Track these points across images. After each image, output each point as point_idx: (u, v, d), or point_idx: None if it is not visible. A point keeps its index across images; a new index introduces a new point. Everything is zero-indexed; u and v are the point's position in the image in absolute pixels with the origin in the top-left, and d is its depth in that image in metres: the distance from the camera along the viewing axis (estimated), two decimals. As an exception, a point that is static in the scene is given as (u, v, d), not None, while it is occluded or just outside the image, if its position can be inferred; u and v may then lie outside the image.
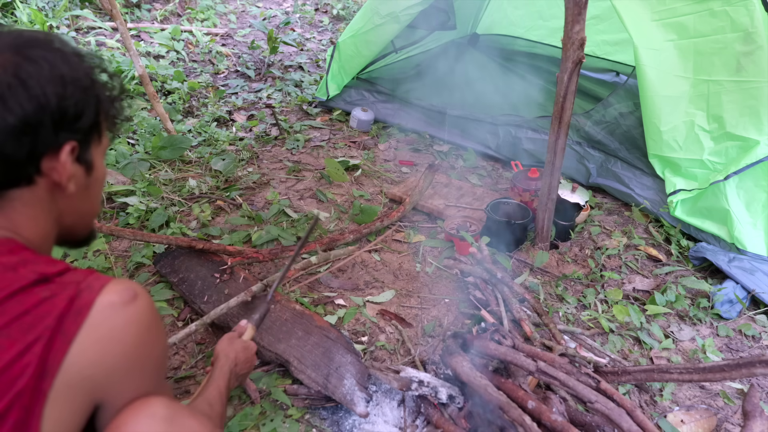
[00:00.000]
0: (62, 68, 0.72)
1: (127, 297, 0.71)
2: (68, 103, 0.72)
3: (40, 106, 0.69)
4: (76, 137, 0.74)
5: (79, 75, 0.74)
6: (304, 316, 1.68)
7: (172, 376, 1.61)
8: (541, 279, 2.13)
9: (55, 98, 0.70)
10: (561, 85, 1.89)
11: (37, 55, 0.71)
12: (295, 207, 2.55)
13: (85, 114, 0.75)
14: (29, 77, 0.69)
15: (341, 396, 1.45)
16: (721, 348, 1.86)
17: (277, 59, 4.54)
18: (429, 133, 3.25)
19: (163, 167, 2.79)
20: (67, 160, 0.74)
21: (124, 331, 0.70)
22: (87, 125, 0.76)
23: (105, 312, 0.68)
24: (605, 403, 1.22)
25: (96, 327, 0.67)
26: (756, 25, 2.06)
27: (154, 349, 0.75)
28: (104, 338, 0.68)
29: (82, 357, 0.66)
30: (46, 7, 4.57)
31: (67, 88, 0.72)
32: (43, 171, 0.73)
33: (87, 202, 0.83)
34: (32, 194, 0.74)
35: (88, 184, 0.81)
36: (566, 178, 2.72)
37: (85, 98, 0.74)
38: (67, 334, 0.66)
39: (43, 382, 0.64)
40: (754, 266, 2.07)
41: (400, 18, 3.08)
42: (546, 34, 3.93)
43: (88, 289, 0.69)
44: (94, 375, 0.68)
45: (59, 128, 0.71)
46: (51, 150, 0.72)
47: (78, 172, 0.78)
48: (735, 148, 2.19)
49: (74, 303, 0.67)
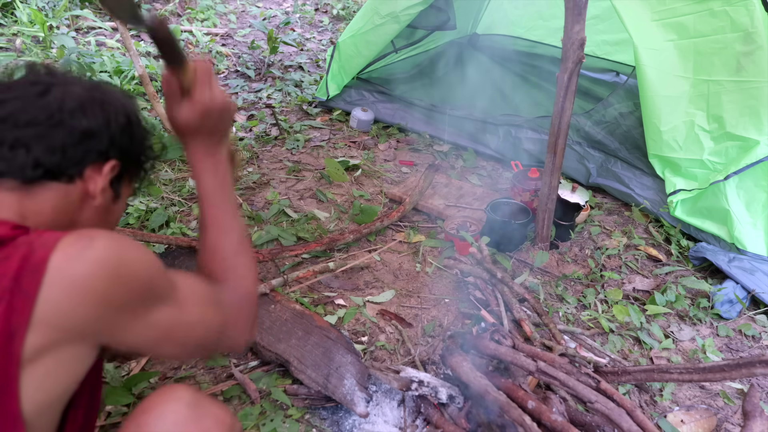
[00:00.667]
0: (129, 108, 0.89)
1: (83, 244, 0.69)
2: (127, 130, 0.87)
3: (107, 120, 0.83)
4: (121, 160, 0.87)
5: (141, 122, 0.91)
6: (304, 317, 1.68)
7: (171, 376, 1.62)
8: (541, 279, 2.13)
9: (121, 120, 0.86)
10: (561, 85, 1.89)
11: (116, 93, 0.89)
12: (295, 207, 2.55)
13: (135, 146, 0.90)
14: (106, 102, 0.85)
15: (341, 396, 1.45)
16: (721, 348, 1.86)
17: (277, 59, 4.54)
18: (429, 133, 3.25)
19: (163, 167, 2.79)
20: (107, 174, 0.84)
21: (89, 277, 0.68)
22: (131, 157, 0.89)
23: (63, 264, 0.67)
24: (605, 403, 1.22)
25: (58, 281, 0.66)
26: (756, 25, 2.06)
27: (133, 279, 0.72)
28: (71, 289, 0.67)
29: (55, 311, 0.66)
30: (46, 7, 4.57)
31: (131, 122, 0.88)
32: (84, 176, 0.82)
33: (102, 224, 0.90)
34: (66, 192, 0.81)
35: (109, 210, 0.90)
36: (566, 178, 2.72)
37: (139, 137, 0.90)
38: (28, 292, 0.65)
39: (12, 344, 0.63)
40: (754, 266, 2.07)
41: (400, 18, 3.08)
42: (546, 34, 3.93)
43: (42, 246, 0.68)
44: (76, 326, 0.68)
45: (112, 146, 0.84)
46: (98, 161, 0.83)
47: (108, 192, 0.87)
48: (735, 148, 2.19)
49: (29, 261, 0.66)
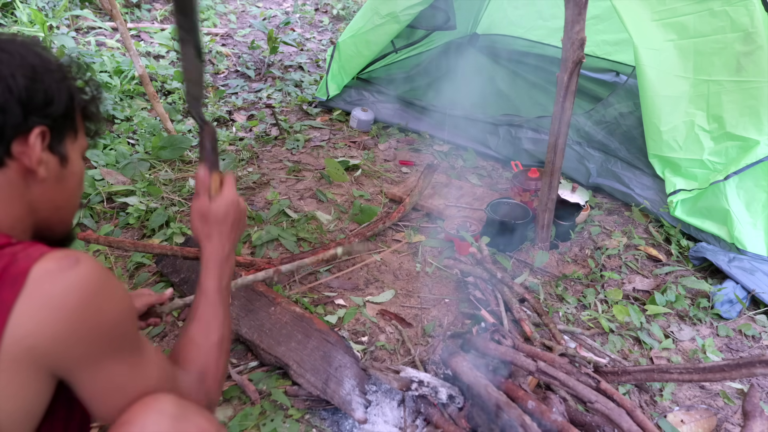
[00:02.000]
0: (33, 60, 0.76)
1: (67, 263, 0.68)
2: (37, 87, 0.74)
3: (8, 88, 0.71)
4: (46, 123, 0.76)
5: (51, 67, 0.78)
6: (303, 319, 1.68)
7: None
8: (541, 279, 2.13)
9: (23, 81, 0.73)
10: (561, 85, 1.89)
11: (10, 48, 0.75)
12: (295, 207, 2.55)
13: (55, 102, 0.77)
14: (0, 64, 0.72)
15: (340, 401, 1.45)
16: (721, 348, 1.86)
17: (277, 59, 4.54)
18: (429, 133, 3.25)
19: (163, 167, 2.79)
20: (36, 143, 0.75)
21: (64, 297, 0.66)
22: (58, 113, 0.78)
23: (42, 279, 0.66)
24: (605, 403, 1.22)
25: (33, 295, 0.65)
26: (756, 25, 2.06)
27: (105, 314, 0.71)
28: (42, 306, 0.65)
29: (22, 327, 0.64)
30: (46, 7, 4.57)
31: (37, 75, 0.75)
32: (13, 154, 0.74)
33: (62, 194, 0.84)
34: (4, 177, 0.75)
35: (62, 176, 0.82)
36: (566, 178, 2.72)
37: (56, 88, 0.77)
38: (5, 303, 0.64)
39: None
40: (754, 266, 2.07)
41: (400, 18, 3.08)
42: (546, 34, 3.93)
43: (25, 258, 0.67)
44: (38, 345, 0.65)
45: (28, 112, 0.74)
46: (21, 134, 0.74)
47: (51, 160, 0.79)
48: (735, 148, 2.19)
49: (8, 271, 0.65)
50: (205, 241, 0.98)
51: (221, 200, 0.98)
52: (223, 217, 0.98)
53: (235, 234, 1.01)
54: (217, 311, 0.95)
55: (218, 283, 0.97)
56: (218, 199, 0.98)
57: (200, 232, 0.99)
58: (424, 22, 3.43)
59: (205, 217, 0.98)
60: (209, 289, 0.96)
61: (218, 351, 0.94)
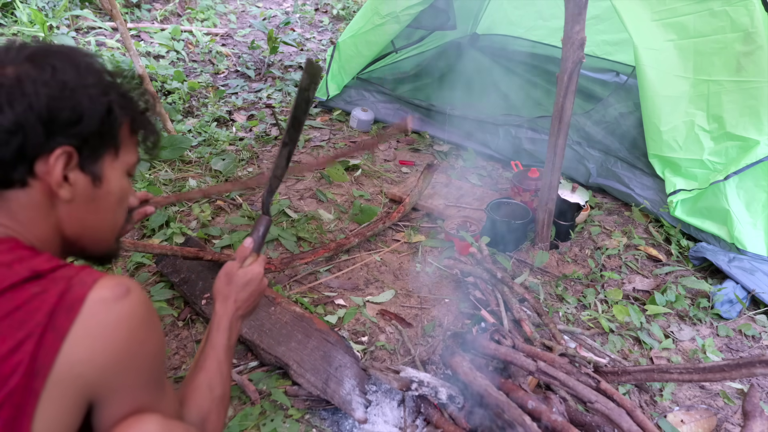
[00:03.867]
0: (66, 75, 0.72)
1: (120, 292, 0.69)
2: (62, 105, 0.71)
3: (29, 106, 0.69)
4: (72, 143, 0.73)
5: (87, 83, 0.74)
6: (304, 319, 1.68)
7: (171, 376, 1.62)
8: (541, 279, 2.13)
9: (46, 99, 0.70)
10: (561, 85, 1.89)
11: (45, 61, 0.71)
12: (295, 207, 2.55)
13: (84, 120, 0.73)
14: (27, 79, 0.69)
15: (340, 401, 1.45)
16: (721, 348, 1.86)
17: (277, 59, 4.54)
18: (429, 133, 3.25)
19: (163, 167, 2.79)
20: (56, 164, 0.72)
21: (116, 327, 0.68)
22: (90, 131, 0.74)
23: (96, 307, 0.67)
24: (605, 403, 1.22)
25: (87, 323, 0.66)
26: (756, 25, 2.06)
27: (148, 345, 0.73)
28: (96, 335, 0.66)
29: (74, 354, 0.65)
30: (46, 7, 4.57)
31: (65, 92, 0.71)
32: (37, 174, 0.72)
33: (94, 214, 0.81)
34: (28, 197, 0.73)
35: (94, 196, 0.79)
36: (566, 178, 2.72)
37: (88, 105, 0.73)
38: (59, 330, 0.64)
39: (35, 381, 0.63)
40: (754, 266, 2.07)
41: (400, 18, 3.08)
42: (546, 34, 3.93)
43: (80, 284, 0.68)
44: (86, 373, 0.66)
45: (51, 132, 0.71)
46: (44, 153, 0.72)
47: (81, 180, 0.76)
48: (735, 148, 2.19)
49: (65, 298, 0.66)
50: (222, 301, 1.03)
51: (250, 270, 1.06)
52: (245, 284, 1.04)
53: (249, 304, 1.06)
54: (222, 367, 0.97)
55: (227, 342, 1.00)
56: (248, 269, 1.06)
57: (221, 290, 1.04)
58: (424, 22, 3.43)
59: (230, 278, 1.04)
60: (218, 345, 0.99)
61: (219, 405, 0.95)
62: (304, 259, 2.04)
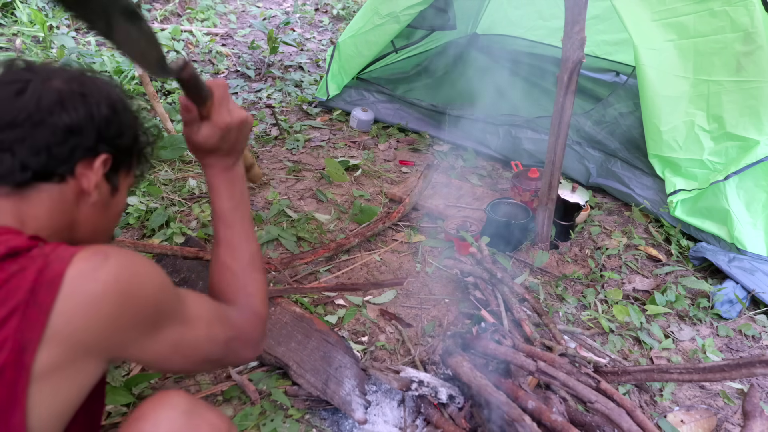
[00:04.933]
0: (116, 97, 0.86)
1: (98, 260, 0.70)
2: (113, 120, 0.83)
3: (90, 114, 0.80)
4: (112, 153, 0.84)
5: (127, 107, 0.88)
6: (303, 320, 1.68)
7: (171, 376, 1.62)
8: (541, 279, 2.13)
9: (105, 111, 0.82)
10: (561, 85, 1.89)
11: (99, 82, 0.85)
12: (295, 207, 2.55)
13: (125, 137, 0.86)
14: (89, 92, 0.81)
15: (339, 401, 1.45)
16: (721, 348, 1.86)
17: (277, 59, 4.54)
18: (429, 133, 3.25)
19: (163, 167, 2.79)
20: (99, 168, 0.82)
21: (104, 294, 0.69)
22: (124, 147, 0.86)
23: (78, 280, 0.68)
24: (605, 403, 1.22)
25: (73, 296, 0.67)
26: (756, 25, 2.06)
27: (144, 296, 0.74)
28: (85, 305, 0.67)
29: (68, 326, 0.66)
30: (46, 7, 4.56)
31: (117, 111, 0.84)
32: (75, 174, 0.80)
33: (104, 219, 0.89)
34: (60, 192, 0.80)
35: (109, 204, 0.89)
36: (566, 178, 2.72)
37: (128, 125, 0.86)
38: (43, 305, 0.65)
39: (25, 356, 0.64)
40: (754, 266, 2.07)
41: (400, 18, 3.08)
42: (546, 34, 3.93)
43: (58, 260, 0.69)
44: (87, 340, 0.68)
45: (100, 139, 0.81)
46: (88, 157, 0.81)
47: (104, 187, 0.86)
48: (735, 148, 2.19)
49: (44, 274, 0.67)
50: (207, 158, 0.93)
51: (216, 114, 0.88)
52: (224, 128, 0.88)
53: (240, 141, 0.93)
54: (238, 231, 0.93)
55: (230, 202, 0.93)
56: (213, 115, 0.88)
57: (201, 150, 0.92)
58: (424, 22, 3.43)
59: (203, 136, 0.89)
60: (224, 211, 0.93)
61: (251, 269, 0.95)
62: (304, 259, 2.04)
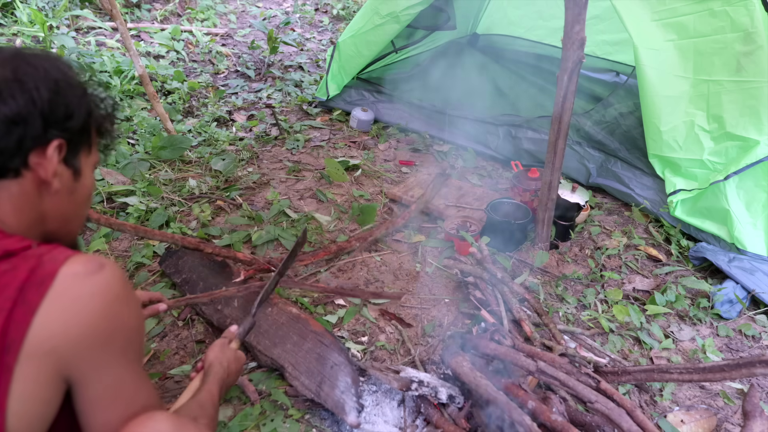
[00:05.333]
0: (57, 74, 0.78)
1: (93, 267, 0.70)
2: (59, 102, 0.76)
3: (32, 101, 0.73)
4: (64, 137, 0.78)
5: (73, 83, 0.80)
6: (299, 320, 1.68)
7: (171, 377, 1.62)
8: (541, 279, 2.13)
9: (47, 95, 0.75)
10: (561, 85, 1.89)
11: (36, 62, 0.77)
12: (295, 207, 2.55)
13: (75, 116, 0.79)
14: (26, 76, 0.74)
15: (333, 404, 1.45)
16: (721, 348, 1.86)
17: (277, 59, 4.54)
18: (429, 133, 3.25)
19: (163, 167, 2.79)
20: (53, 155, 0.77)
21: (89, 300, 0.68)
22: (77, 127, 0.80)
23: (68, 281, 0.67)
24: (605, 403, 1.22)
25: (59, 297, 0.66)
26: (756, 25, 2.06)
27: (123, 321, 0.73)
28: (68, 308, 0.67)
29: (46, 328, 0.65)
30: (46, 7, 4.56)
31: (60, 90, 0.77)
32: (30, 165, 0.76)
33: (72, 206, 0.85)
34: (19, 187, 0.76)
35: (74, 189, 0.84)
36: (566, 178, 2.72)
37: (76, 103, 0.79)
38: (30, 304, 0.65)
39: (8, 356, 0.63)
40: (754, 266, 2.07)
41: (400, 18, 3.08)
42: (546, 34, 3.93)
43: (52, 260, 0.69)
44: (59, 347, 0.67)
45: (48, 125, 0.76)
46: (39, 145, 0.76)
47: (65, 173, 0.81)
48: (735, 148, 2.19)
49: (36, 273, 0.66)
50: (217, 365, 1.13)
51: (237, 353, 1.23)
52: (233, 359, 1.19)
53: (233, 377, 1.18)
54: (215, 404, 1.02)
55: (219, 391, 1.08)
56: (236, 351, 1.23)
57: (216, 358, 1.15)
58: (424, 22, 3.43)
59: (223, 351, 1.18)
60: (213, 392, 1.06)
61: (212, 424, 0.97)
62: (305, 261, 2.04)
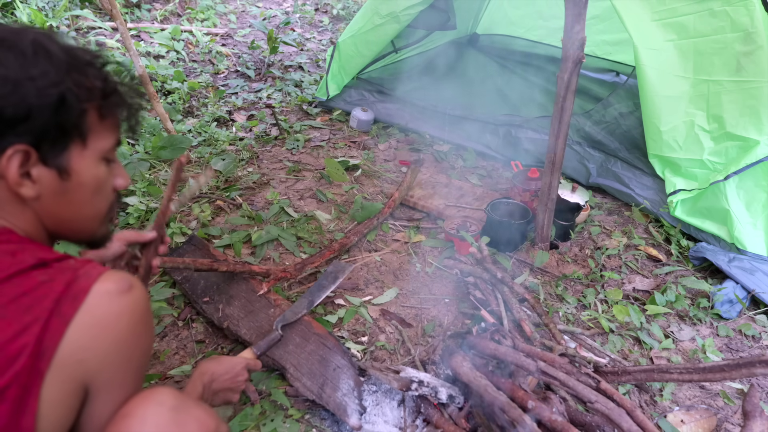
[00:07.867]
0: (8, 68, 0.67)
1: (123, 287, 0.72)
2: (3, 103, 0.66)
3: None
4: (26, 140, 0.69)
5: (32, 74, 0.67)
6: (302, 322, 1.68)
7: (171, 376, 1.62)
8: (541, 279, 2.13)
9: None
10: (561, 85, 1.89)
11: None
12: (295, 207, 2.55)
13: (33, 115, 0.68)
14: None
15: (335, 406, 1.45)
16: (721, 348, 1.86)
17: (277, 59, 4.54)
18: (429, 133, 3.25)
19: (163, 167, 2.79)
20: (10, 165, 0.69)
21: (118, 318, 0.71)
22: (41, 126, 0.69)
23: (101, 298, 0.69)
24: (605, 403, 1.22)
25: (91, 312, 0.68)
26: (756, 25, 2.06)
27: (143, 341, 0.76)
28: (99, 324, 0.69)
29: (77, 340, 0.67)
30: (46, 7, 4.56)
31: (6, 88, 0.66)
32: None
33: (67, 207, 0.78)
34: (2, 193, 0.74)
35: (64, 190, 0.76)
36: (566, 178, 2.72)
37: (36, 99, 0.68)
38: (64, 316, 0.67)
39: (41, 362, 0.65)
40: (754, 266, 2.07)
41: (400, 18, 3.08)
42: (546, 34, 3.93)
43: (86, 276, 0.70)
44: (87, 359, 0.69)
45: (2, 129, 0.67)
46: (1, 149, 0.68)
47: (45, 176, 0.73)
48: (735, 148, 2.19)
49: (71, 287, 0.68)
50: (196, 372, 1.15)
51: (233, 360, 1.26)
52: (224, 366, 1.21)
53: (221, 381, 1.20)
54: None
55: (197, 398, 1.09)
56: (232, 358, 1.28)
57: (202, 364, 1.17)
58: (424, 22, 3.43)
59: (215, 360, 1.21)
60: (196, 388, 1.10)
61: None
62: (315, 263, 2.03)
